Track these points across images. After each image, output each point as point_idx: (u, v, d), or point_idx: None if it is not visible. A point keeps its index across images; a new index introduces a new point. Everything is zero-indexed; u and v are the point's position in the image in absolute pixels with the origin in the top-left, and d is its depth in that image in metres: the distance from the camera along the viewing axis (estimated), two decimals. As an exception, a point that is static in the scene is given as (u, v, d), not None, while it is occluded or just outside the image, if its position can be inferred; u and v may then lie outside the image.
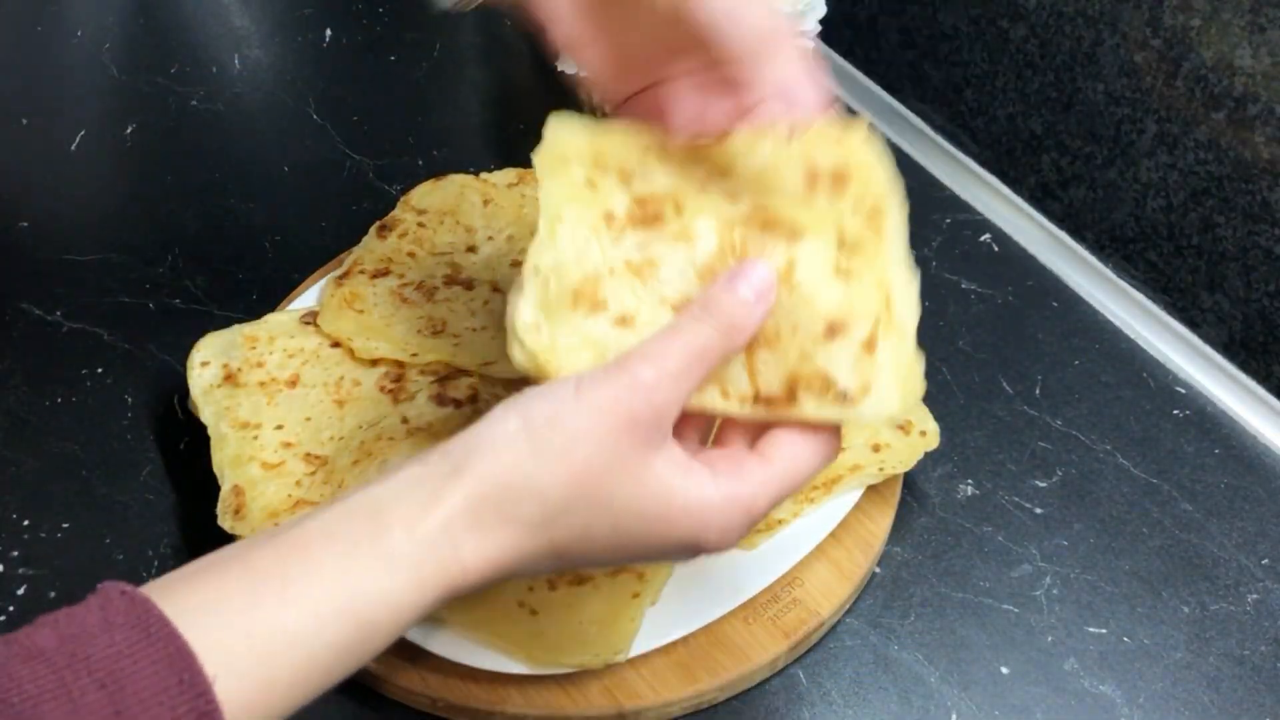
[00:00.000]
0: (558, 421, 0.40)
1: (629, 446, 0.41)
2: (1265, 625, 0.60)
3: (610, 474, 0.40)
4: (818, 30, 0.78)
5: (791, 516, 0.59)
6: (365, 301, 0.68)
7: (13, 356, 0.72)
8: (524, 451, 0.40)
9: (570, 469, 0.40)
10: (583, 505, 0.40)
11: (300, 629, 0.37)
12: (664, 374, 0.41)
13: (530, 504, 0.40)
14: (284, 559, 0.38)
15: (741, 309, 0.43)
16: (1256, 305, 0.72)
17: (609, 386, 0.41)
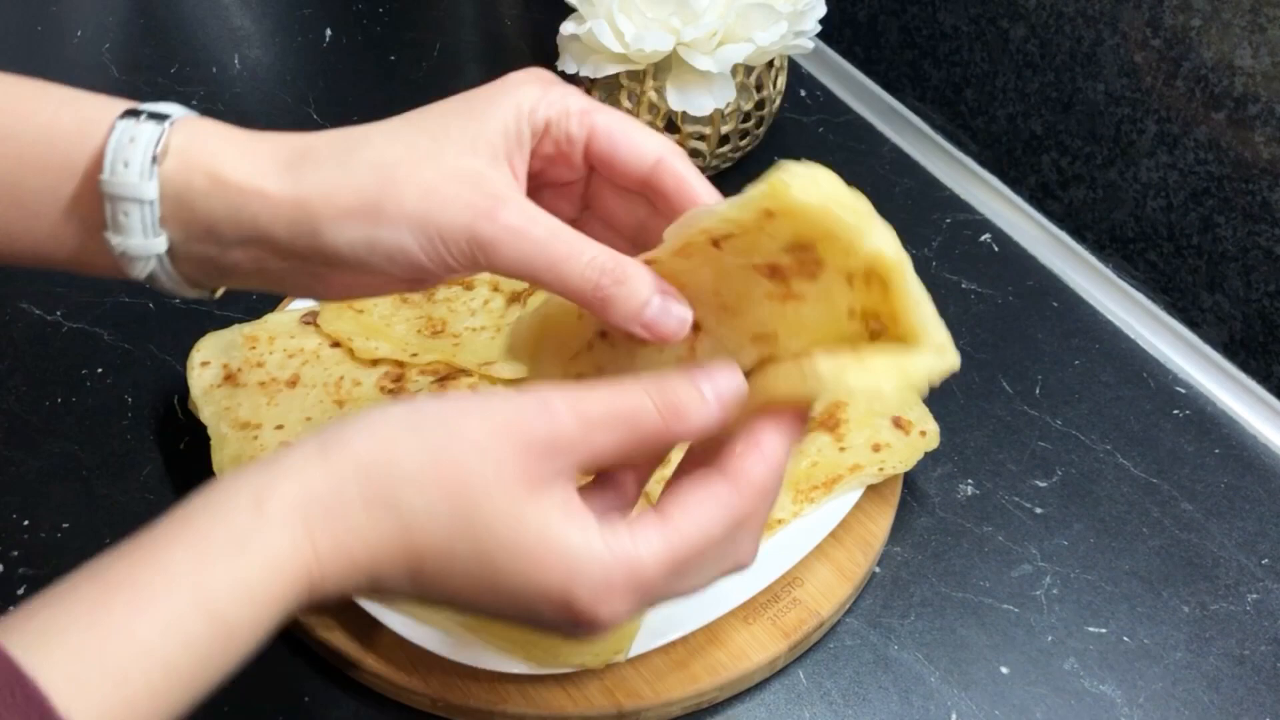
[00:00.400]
0: (447, 419, 0.37)
1: (516, 468, 0.37)
2: (1265, 625, 0.60)
3: (487, 491, 0.36)
4: (818, 30, 0.78)
5: (791, 516, 0.59)
6: (365, 302, 0.68)
7: (13, 356, 0.72)
8: (401, 436, 0.37)
9: (445, 468, 0.36)
10: (450, 514, 0.36)
11: (152, 637, 0.33)
12: (579, 414, 0.38)
13: (394, 492, 0.36)
14: (136, 563, 0.35)
15: (692, 398, 0.39)
16: (1256, 305, 0.72)
17: (513, 403, 0.38)
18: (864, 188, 0.65)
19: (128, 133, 0.42)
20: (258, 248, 0.42)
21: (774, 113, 0.84)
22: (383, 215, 0.40)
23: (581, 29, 0.76)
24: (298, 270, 0.43)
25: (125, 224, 0.42)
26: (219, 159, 0.42)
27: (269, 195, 0.41)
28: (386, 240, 0.41)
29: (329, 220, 0.41)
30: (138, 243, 0.42)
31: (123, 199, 0.41)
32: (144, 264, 0.43)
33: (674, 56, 0.75)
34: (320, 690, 0.57)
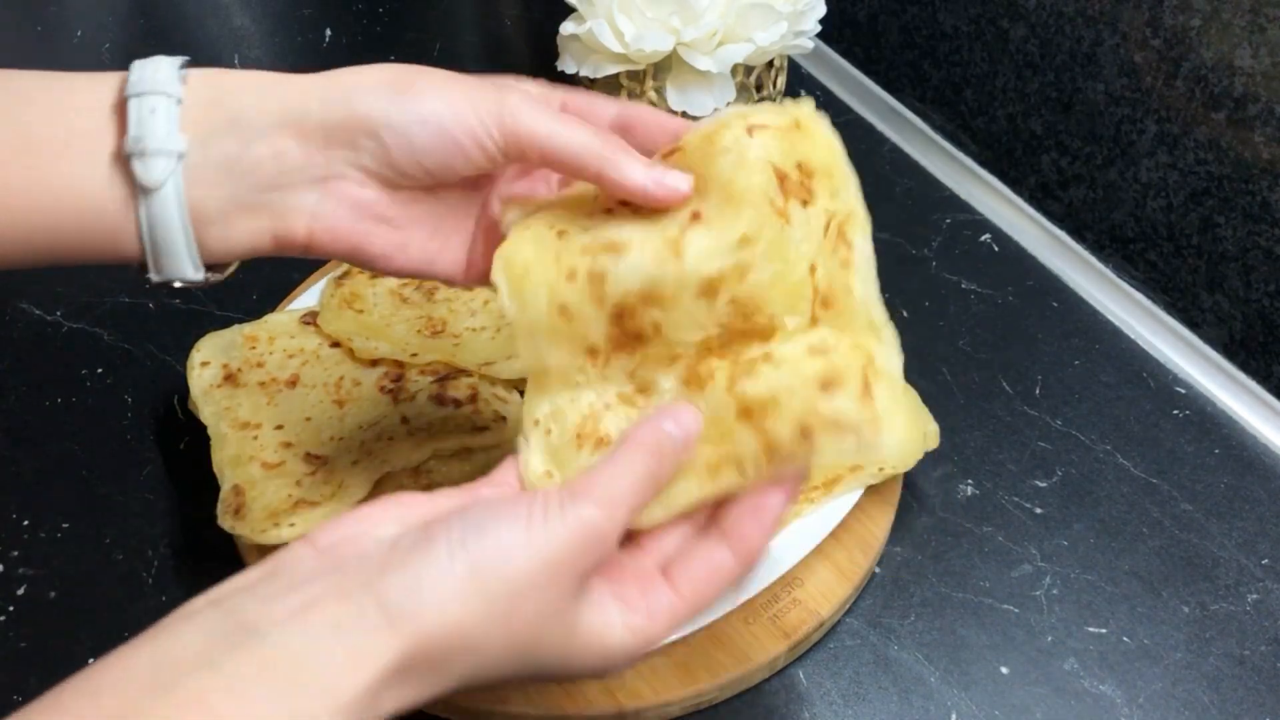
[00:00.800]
0: (508, 574, 0.38)
1: (569, 599, 0.39)
2: (1265, 625, 0.60)
3: (548, 628, 0.39)
4: (818, 30, 0.78)
5: (791, 517, 0.59)
6: (365, 301, 0.68)
7: (13, 356, 0.72)
8: (471, 606, 0.37)
9: (512, 623, 0.38)
10: (514, 653, 0.39)
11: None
12: (616, 524, 0.40)
13: (466, 658, 0.38)
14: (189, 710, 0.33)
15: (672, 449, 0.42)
16: (1256, 305, 0.72)
17: (564, 533, 0.39)
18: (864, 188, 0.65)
19: (151, 59, 0.43)
20: (283, 134, 0.43)
21: (774, 113, 0.83)
22: (412, 87, 0.43)
23: (581, 29, 0.76)
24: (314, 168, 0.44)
25: (149, 120, 0.42)
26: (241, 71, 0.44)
27: (298, 78, 0.43)
28: (418, 103, 0.43)
29: (362, 90, 0.43)
30: (160, 137, 0.42)
31: (150, 94, 0.42)
32: (164, 165, 0.42)
33: (674, 56, 0.75)
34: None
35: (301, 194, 0.44)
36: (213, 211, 0.43)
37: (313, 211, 0.44)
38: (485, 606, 0.37)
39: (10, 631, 0.58)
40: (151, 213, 0.42)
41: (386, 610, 0.36)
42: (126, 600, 0.60)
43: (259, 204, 0.44)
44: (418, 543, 0.38)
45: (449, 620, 0.37)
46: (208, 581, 0.61)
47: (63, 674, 0.58)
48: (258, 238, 0.44)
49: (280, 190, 0.44)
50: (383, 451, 0.60)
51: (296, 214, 0.44)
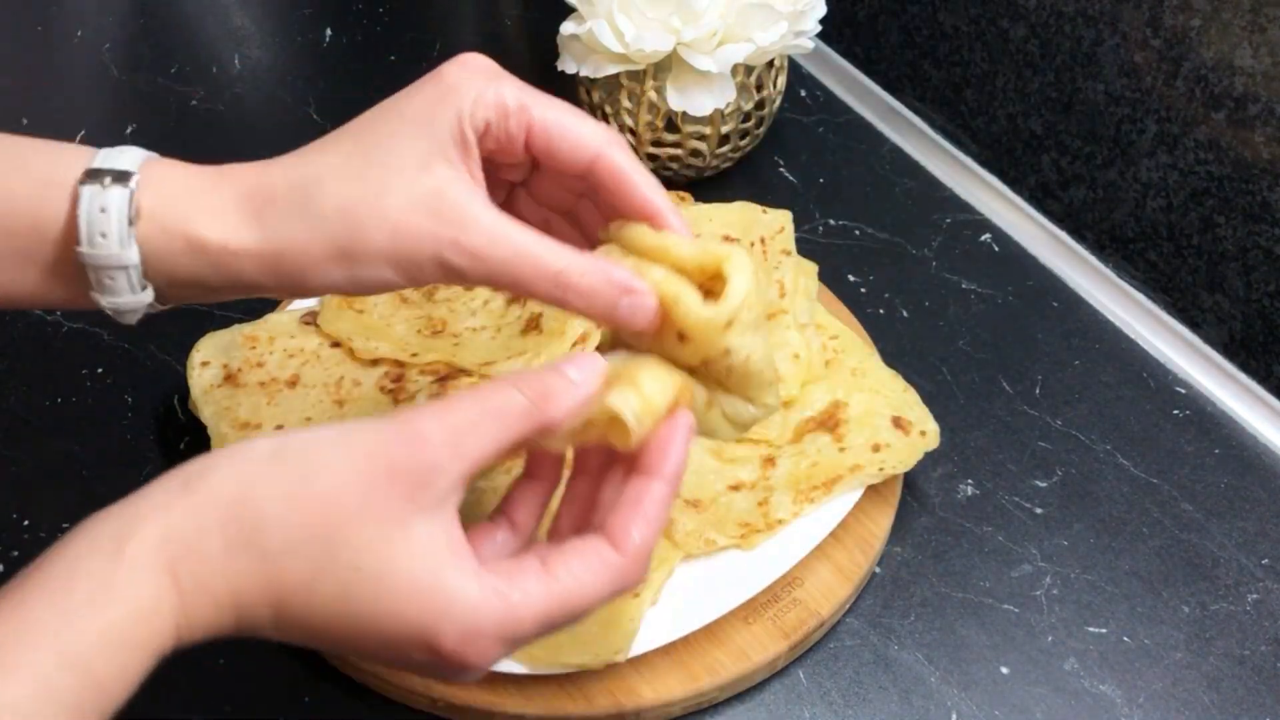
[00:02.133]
0: (311, 450, 0.37)
1: (383, 497, 0.36)
2: (1265, 625, 0.60)
3: (353, 520, 0.36)
4: (818, 30, 0.78)
5: (791, 516, 0.59)
6: (365, 301, 0.68)
7: (13, 356, 0.72)
8: (264, 471, 0.36)
9: (307, 503, 0.36)
10: (314, 547, 0.36)
11: (21, 698, 0.32)
12: (446, 426, 0.37)
13: (255, 532, 0.35)
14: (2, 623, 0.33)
15: (557, 380, 0.40)
16: (1256, 305, 0.72)
17: (378, 431, 0.37)
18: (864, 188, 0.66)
19: (96, 201, 0.41)
20: (244, 290, 0.44)
21: (774, 113, 0.84)
22: (357, 258, 0.42)
23: (581, 29, 0.76)
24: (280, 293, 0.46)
25: (112, 286, 0.42)
26: (191, 222, 0.42)
27: (247, 252, 0.42)
28: (367, 276, 0.42)
29: (308, 268, 0.42)
30: (126, 300, 0.43)
31: (107, 267, 0.42)
32: (135, 314, 0.44)
33: (674, 56, 0.75)
34: (321, 692, 0.57)
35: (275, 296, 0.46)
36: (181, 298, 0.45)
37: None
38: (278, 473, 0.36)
39: (10, 631, 0.58)
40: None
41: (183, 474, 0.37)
42: (126, 600, 0.60)
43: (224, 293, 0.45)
44: None
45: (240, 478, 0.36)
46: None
47: (63, 674, 0.57)
48: None
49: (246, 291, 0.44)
50: (383, 451, 0.60)
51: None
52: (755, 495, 0.60)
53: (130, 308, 0.43)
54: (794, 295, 0.68)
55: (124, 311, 0.43)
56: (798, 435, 0.63)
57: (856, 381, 0.65)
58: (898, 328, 0.75)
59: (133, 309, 0.43)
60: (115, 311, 0.43)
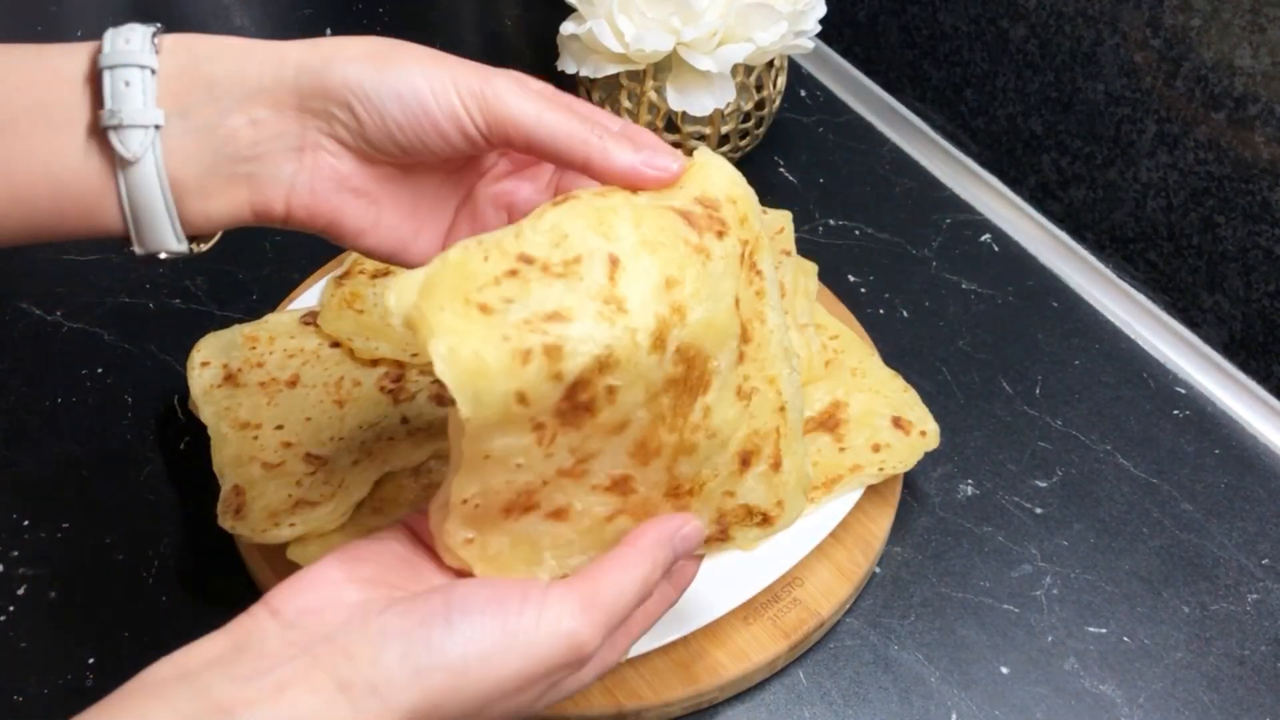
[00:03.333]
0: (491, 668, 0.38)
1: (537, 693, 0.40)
2: (1265, 625, 0.60)
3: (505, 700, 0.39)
4: (818, 30, 0.78)
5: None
6: (365, 301, 0.68)
7: (13, 356, 0.72)
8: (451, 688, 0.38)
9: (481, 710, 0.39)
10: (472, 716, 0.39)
11: None
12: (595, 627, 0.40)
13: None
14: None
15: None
16: (1256, 305, 0.72)
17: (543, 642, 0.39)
18: (864, 187, 0.66)
19: (124, 28, 0.42)
20: (259, 103, 0.42)
21: (774, 113, 0.84)
22: (394, 59, 0.42)
23: (581, 29, 0.76)
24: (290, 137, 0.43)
25: (125, 93, 0.41)
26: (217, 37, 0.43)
27: (277, 45, 0.42)
28: (396, 76, 0.41)
29: (342, 60, 0.41)
30: (136, 109, 0.41)
31: (123, 66, 0.41)
32: (141, 138, 0.41)
33: (674, 56, 0.75)
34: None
35: (278, 164, 0.43)
36: (191, 183, 0.42)
37: (289, 183, 0.43)
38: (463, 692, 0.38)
39: (10, 631, 0.58)
40: (131, 185, 0.42)
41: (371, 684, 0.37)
42: (126, 600, 0.60)
43: (236, 175, 0.43)
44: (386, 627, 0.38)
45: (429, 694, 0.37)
46: (208, 582, 0.61)
47: (63, 674, 0.58)
48: (237, 209, 0.43)
49: (257, 160, 0.43)
50: (383, 451, 0.60)
51: (273, 185, 0.43)
52: (755, 495, 0.60)
53: (136, 120, 0.41)
54: (794, 295, 0.68)
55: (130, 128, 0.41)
56: (798, 435, 0.63)
57: (856, 381, 0.65)
58: (898, 328, 0.75)
59: (140, 123, 0.41)
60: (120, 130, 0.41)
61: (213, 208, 0.43)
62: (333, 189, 0.44)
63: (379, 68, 0.41)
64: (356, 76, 0.41)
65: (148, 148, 0.41)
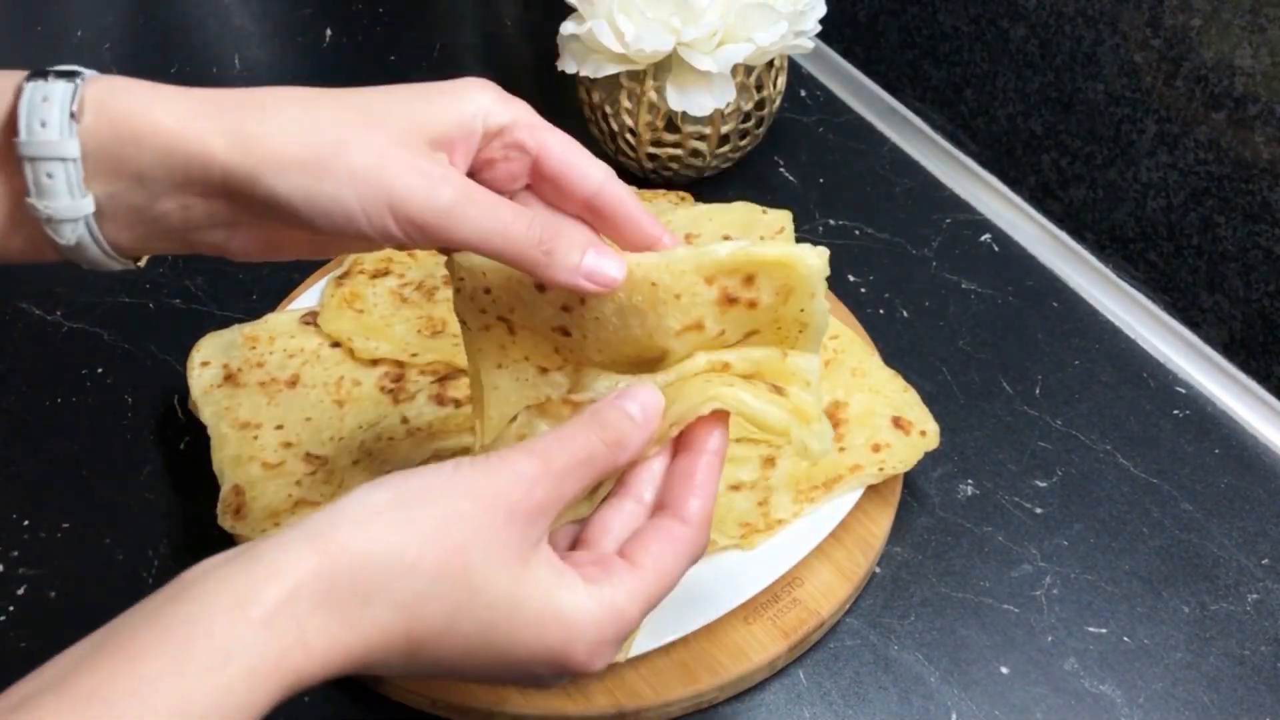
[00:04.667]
0: (434, 498, 0.37)
1: (508, 537, 0.38)
2: (1265, 625, 0.60)
3: (487, 563, 0.37)
4: (818, 30, 0.78)
5: (791, 516, 0.59)
6: (365, 301, 0.68)
7: (13, 356, 0.72)
8: (393, 522, 0.36)
9: (444, 547, 0.37)
10: (451, 591, 0.37)
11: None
12: (547, 471, 0.39)
13: (393, 581, 0.36)
14: (114, 673, 0.33)
15: (628, 425, 0.42)
16: (1256, 305, 0.72)
17: (490, 475, 0.38)
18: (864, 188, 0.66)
19: (39, 92, 0.40)
20: (187, 193, 0.41)
21: (774, 113, 0.84)
22: (329, 171, 0.40)
23: (581, 29, 0.76)
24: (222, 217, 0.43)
25: (50, 186, 0.40)
26: (146, 108, 0.41)
27: (205, 139, 0.40)
28: (328, 195, 0.41)
29: (272, 168, 0.40)
30: (64, 204, 0.41)
31: (44, 159, 0.40)
32: (72, 228, 0.41)
33: (674, 56, 0.75)
34: (319, 692, 0.56)
35: (211, 235, 0.43)
36: (125, 245, 0.43)
37: (223, 244, 0.44)
38: (408, 522, 0.37)
39: (10, 631, 0.58)
40: (68, 251, 0.42)
41: (306, 528, 0.36)
42: (126, 600, 0.59)
43: (170, 239, 0.44)
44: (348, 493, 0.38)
45: (370, 532, 0.36)
46: (208, 581, 0.61)
47: (63, 674, 0.57)
48: (177, 251, 0.45)
49: (190, 233, 0.43)
50: (383, 451, 0.60)
51: (211, 246, 0.44)
52: (755, 495, 0.60)
53: (67, 215, 0.41)
54: (794, 295, 0.68)
55: (60, 222, 0.41)
56: (798, 435, 0.63)
57: (856, 381, 0.65)
58: (898, 328, 0.75)
59: (70, 218, 0.41)
60: (50, 221, 0.41)
61: (152, 250, 0.45)
62: (263, 247, 0.45)
63: (309, 183, 0.40)
64: (285, 191, 0.41)
65: (81, 232, 0.41)
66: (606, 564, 0.41)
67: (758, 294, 0.45)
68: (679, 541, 0.42)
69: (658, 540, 0.42)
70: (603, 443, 0.41)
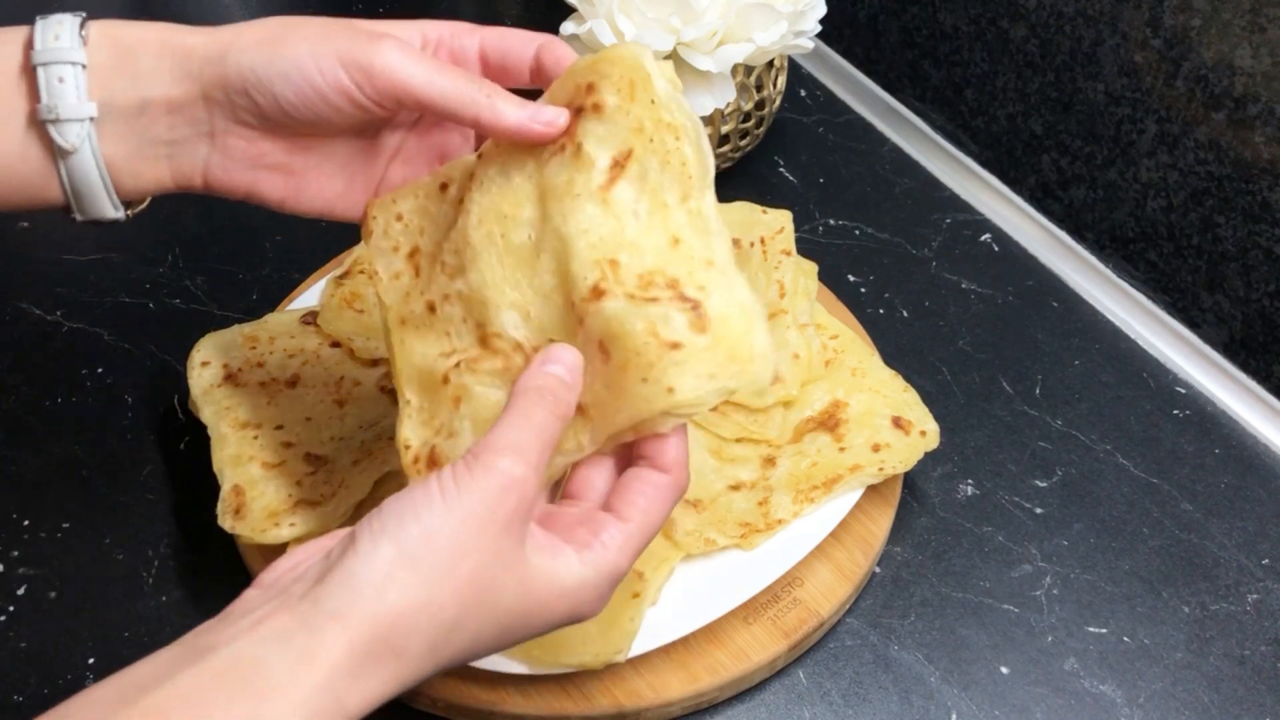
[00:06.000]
0: (434, 539, 0.39)
1: (508, 547, 0.40)
2: (1265, 625, 0.60)
3: (496, 579, 0.40)
4: (818, 30, 0.78)
5: (791, 516, 0.59)
6: (365, 301, 0.68)
7: (13, 356, 0.72)
8: (408, 580, 0.38)
9: (459, 586, 0.39)
10: (474, 614, 0.40)
11: None
12: (527, 465, 0.41)
13: (420, 628, 0.38)
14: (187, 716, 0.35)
15: (565, 390, 0.44)
16: (1256, 305, 0.72)
17: (476, 490, 0.40)
18: (864, 188, 0.66)
19: (53, 19, 0.46)
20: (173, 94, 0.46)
21: (774, 113, 0.84)
22: (285, 41, 0.45)
23: (581, 29, 0.76)
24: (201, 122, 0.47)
25: (60, 89, 0.45)
26: (140, 28, 0.46)
27: (186, 39, 0.46)
28: (284, 58, 0.45)
29: (239, 48, 0.45)
30: (72, 105, 0.45)
31: (56, 64, 0.45)
32: (77, 130, 0.45)
33: (674, 56, 0.75)
34: (320, 690, 0.57)
35: (193, 147, 0.47)
36: (120, 163, 0.47)
37: (205, 162, 0.48)
38: (420, 578, 0.38)
39: (10, 631, 0.58)
40: (70, 169, 0.46)
41: (327, 609, 0.37)
42: (126, 600, 0.60)
43: (159, 156, 0.47)
44: (345, 548, 0.39)
45: (389, 600, 0.38)
46: (208, 582, 0.61)
47: (63, 674, 0.58)
48: (161, 183, 0.48)
49: (174, 144, 0.47)
50: (383, 451, 0.60)
51: (191, 164, 0.48)
52: (755, 495, 0.60)
53: (72, 114, 0.45)
54: (794, 295, 0.68)
55: (66, 123, 0.45)
56: (798, 435, 0.63)
57: (856, 381, 0.65)
58: (898, 328, 0.75)
59: (75, 117, 0.45)
60: (57, 124, 0.45)
61: (141, 182, 0.48)
62: (246, 167, 0.48)
63: (268, 52, 0.45)
64: (249, 63, 0.45)
65: (84, 138, 0.46)
66: (594, 523, 0.43)
67: (601, 97, 0.44)
68: (660, 488, 0.44)
69: (641, 493, 0.44)
70: (554, 415, 0.43)
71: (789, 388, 0.64)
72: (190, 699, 0.35)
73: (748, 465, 0.62)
